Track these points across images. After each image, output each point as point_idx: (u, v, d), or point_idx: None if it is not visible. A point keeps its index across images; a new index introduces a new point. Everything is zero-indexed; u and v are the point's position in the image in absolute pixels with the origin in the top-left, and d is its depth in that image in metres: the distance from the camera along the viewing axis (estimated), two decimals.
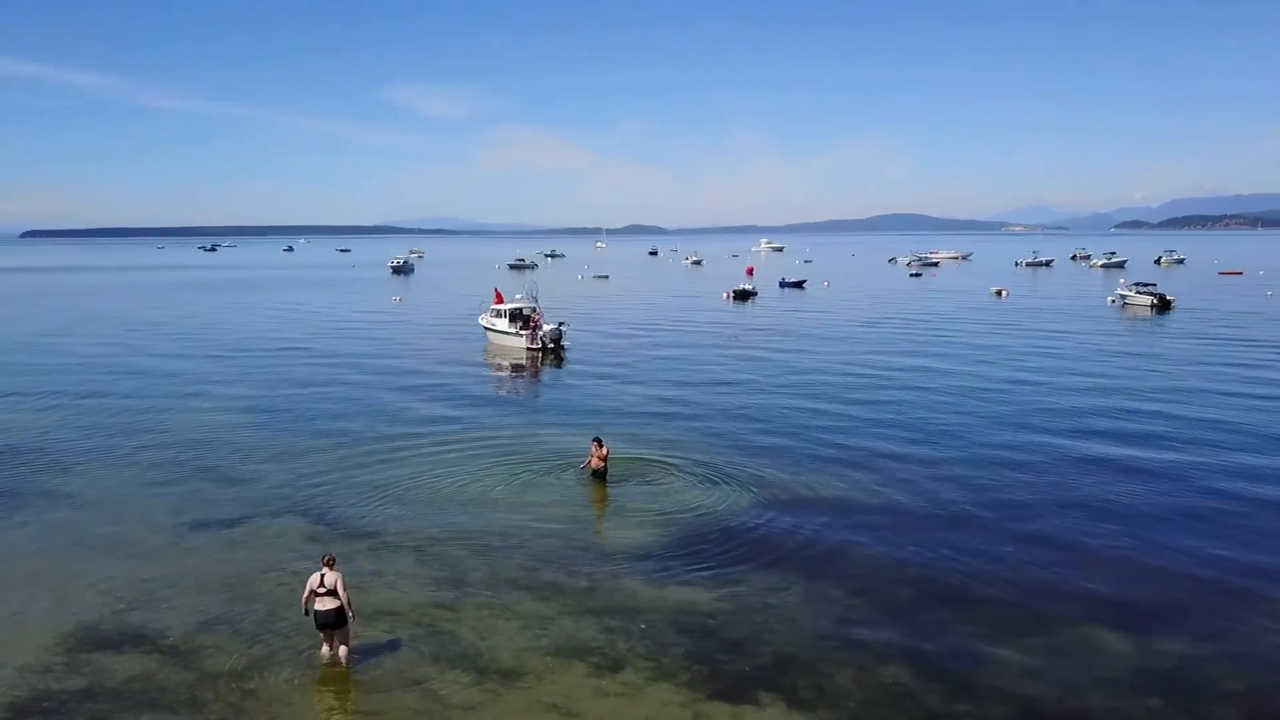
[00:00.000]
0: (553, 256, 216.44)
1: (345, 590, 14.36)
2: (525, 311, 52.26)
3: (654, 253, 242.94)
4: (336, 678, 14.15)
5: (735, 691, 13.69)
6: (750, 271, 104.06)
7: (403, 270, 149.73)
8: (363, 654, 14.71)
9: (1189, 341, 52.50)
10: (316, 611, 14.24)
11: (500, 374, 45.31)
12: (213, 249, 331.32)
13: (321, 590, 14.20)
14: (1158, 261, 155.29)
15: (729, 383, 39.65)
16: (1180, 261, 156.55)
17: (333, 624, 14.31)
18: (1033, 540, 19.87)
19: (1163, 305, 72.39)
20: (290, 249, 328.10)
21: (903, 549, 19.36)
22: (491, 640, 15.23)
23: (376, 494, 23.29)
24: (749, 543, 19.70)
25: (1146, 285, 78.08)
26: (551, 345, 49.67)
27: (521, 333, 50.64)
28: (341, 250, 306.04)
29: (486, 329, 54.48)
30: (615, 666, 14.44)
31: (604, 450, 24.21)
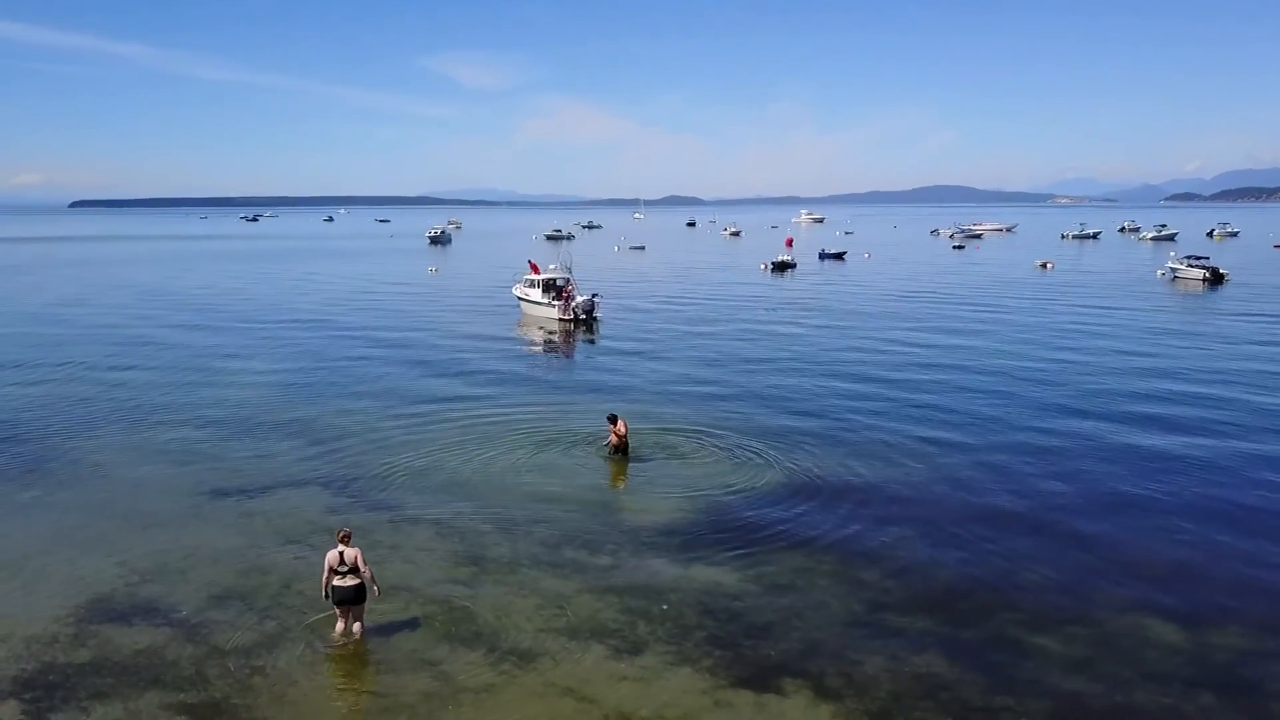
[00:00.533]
0: (590, 227, 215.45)
1: (366, 565, 13.94)
2: (559, 282, 51.91)
3: (692, 224, 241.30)
4: (347, 657, 13.74)
5: (759, 678, 13.07)
6: (790, 243, 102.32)
7: (440, 241, 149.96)
8: (376, 632, 14.29)
9: (1243, 319, 50.62)
10: (335, 587, 13.82)
11: (530, 347, 44.84)
12: (254, 219, 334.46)
13: (343, 569, 13.77)
14: (1210, 234, 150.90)
15: (762, 359, 38.78)
16: (1234, 234, 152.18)
17: (351, 600, 13.91)
18: (1077, 529, 18.91)
19: (1215, 279, 70.06)
20: (330, 219, 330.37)
21: (939, 535, 18.54)
22: (508, 619, 14.73)
23: (398, 467, 22.88)
24: (777, 524, 18.98)
25: (1198, 258, 75.55)
26: (584, 316, 49.23)
27: (554, 304, 50.24)
28: (380, 220, 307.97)
29: (520, 299, 54.19)
30: (635, 650, 13.87)
31: (621, 426, 23.56)
